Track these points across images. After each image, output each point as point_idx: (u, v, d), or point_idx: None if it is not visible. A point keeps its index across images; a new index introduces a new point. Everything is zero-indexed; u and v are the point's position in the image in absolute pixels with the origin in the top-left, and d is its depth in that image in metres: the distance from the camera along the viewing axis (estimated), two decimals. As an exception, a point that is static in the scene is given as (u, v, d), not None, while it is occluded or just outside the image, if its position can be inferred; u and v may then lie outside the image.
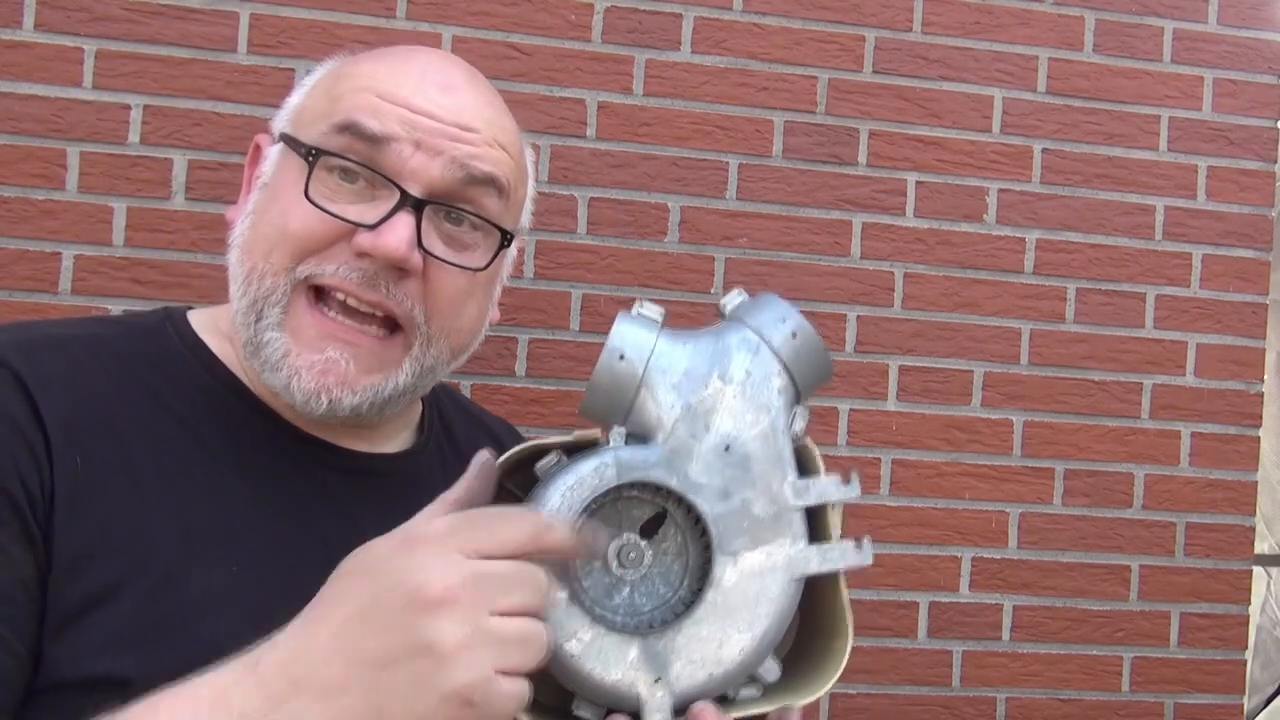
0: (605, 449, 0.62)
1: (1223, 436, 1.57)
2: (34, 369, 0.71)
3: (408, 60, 0.79)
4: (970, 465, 1.51)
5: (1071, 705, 1.52)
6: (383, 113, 0.75)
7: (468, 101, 0.78)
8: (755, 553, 0.62)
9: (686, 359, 0.63)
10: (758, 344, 0.63)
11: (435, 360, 0.80)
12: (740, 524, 0.62)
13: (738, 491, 0.62)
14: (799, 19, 1.49)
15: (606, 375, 0.61)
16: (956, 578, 1.50)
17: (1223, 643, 1.56)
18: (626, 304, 1.44)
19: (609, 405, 0.62)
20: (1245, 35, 1.59)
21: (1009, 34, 1.54)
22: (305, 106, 0.80)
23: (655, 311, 0.65)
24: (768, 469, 0.62)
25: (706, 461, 0.62)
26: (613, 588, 0.63)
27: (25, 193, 1.32)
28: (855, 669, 1.48)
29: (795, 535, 0.63)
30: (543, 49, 1.43)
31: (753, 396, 0.63)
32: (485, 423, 1.02)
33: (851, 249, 1.50)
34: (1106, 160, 1.56)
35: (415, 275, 0.76)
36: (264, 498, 0.76)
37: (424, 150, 0.75)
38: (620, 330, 0.62)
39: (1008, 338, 1.53)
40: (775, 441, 0.63)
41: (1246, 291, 1.58)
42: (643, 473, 0.61)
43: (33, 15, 1.33)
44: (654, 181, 1.45)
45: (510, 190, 0.80)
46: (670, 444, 0.62)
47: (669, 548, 0.64)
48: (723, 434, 0.62)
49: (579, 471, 0.61)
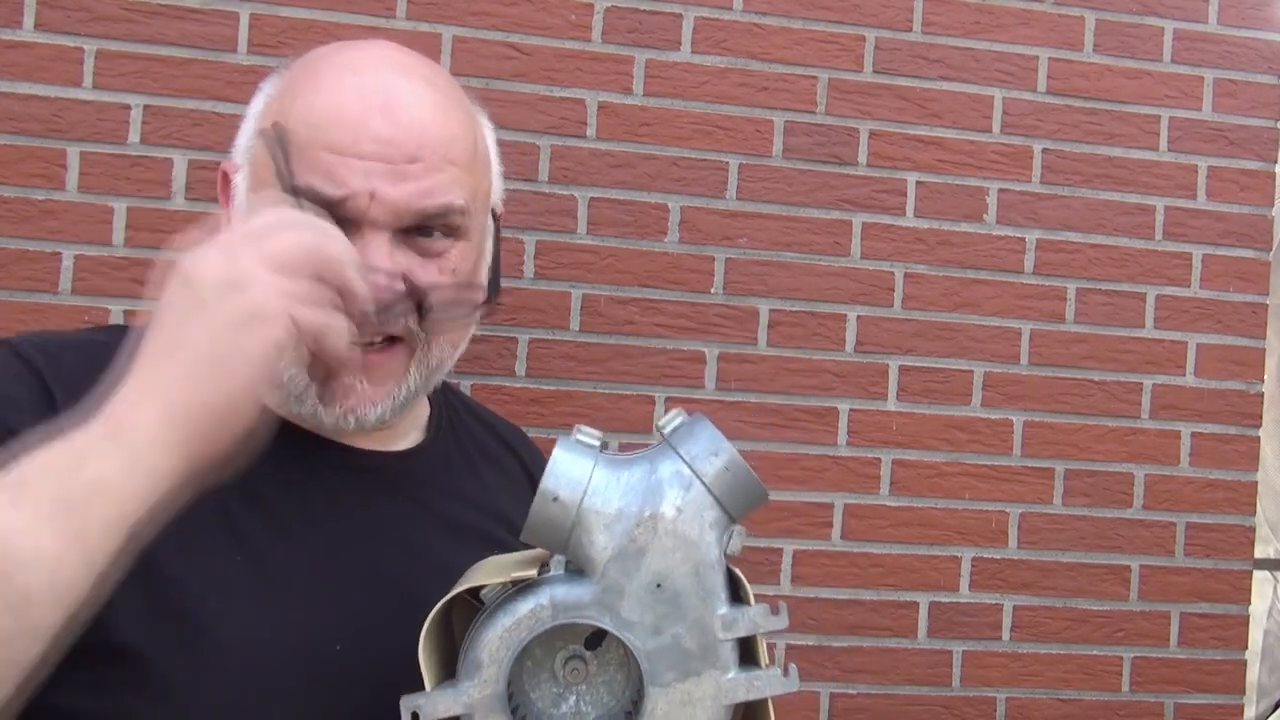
0: (543, 584, 0.65)
1: (1223, 436, 1.57)
2: (56, 368, 0.76)
3: (342, 87, 0.80)
4: (970, 465, 1.51)
5: (1071, 705, 1.52)
6: (337, 174, 0.77)
7: (409, 122, 0.79)
8: (685, 683, 0.65)
9: (619, 498, 0.65)
10: (690, 478, 0.65)
11: (439, 358, 0.84)
12: (671, 657, 0.65)
13: (669, 627, 0.64)
14: (799, 19, 1.49)
15: (542, 516, 0.64)
16: (956, 578, 1.51)
17: (1223, 643, 1.56)
18: (627, 304, 1.45)
19: (547, 540, 0.65)
20: (1245, 35, 1.59)
21: (1009, 34, 1.54)
22: (258, 150, 0.82)
23: (593, 438, 0.67)
24: (698, 604, 0.65)
25: (638, 599, 0.64)
26: (559, 697, 0.66)
27: (25, 193, 1.32)
28: (855, 669, 1.48)
29: (725, 665, 0.65)
30: (543, 49, 1.43)
31: (683, 534, 0.65)
32: (494, 426, 1.05)
33: (851, 249, 1.50)
34: (1106, 160, 1.56)
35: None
36: (272, 494, 0.80)
37: (378, 201, 0.78)
38: (555, 468, 0.65)
39: (1008, 338, 1.53)
40: (706, 576, 0.65)
41: (1246, 291, 1.58)
42: (576, 613, 0.64)
43: (33, 15, 1.33)
44: (654, 181, 1.45)
45: (469, 194, 0.83)
46: (604, 583, 0.64)
47: (612, 659, 0.67)
48: (654, 572, 0.64)
49: (515, 613, 0.64)
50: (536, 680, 0.66)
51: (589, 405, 1.42)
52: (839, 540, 1.48)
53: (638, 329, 1.45)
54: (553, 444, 0.67)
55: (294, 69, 0.85)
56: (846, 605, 1.48)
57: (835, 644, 1.47)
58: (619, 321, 1.45)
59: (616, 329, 1.45)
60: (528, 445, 1.06)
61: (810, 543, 1.47)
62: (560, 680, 0.67)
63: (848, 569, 1.48)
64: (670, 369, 1.45)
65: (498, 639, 0.63)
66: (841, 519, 1.48)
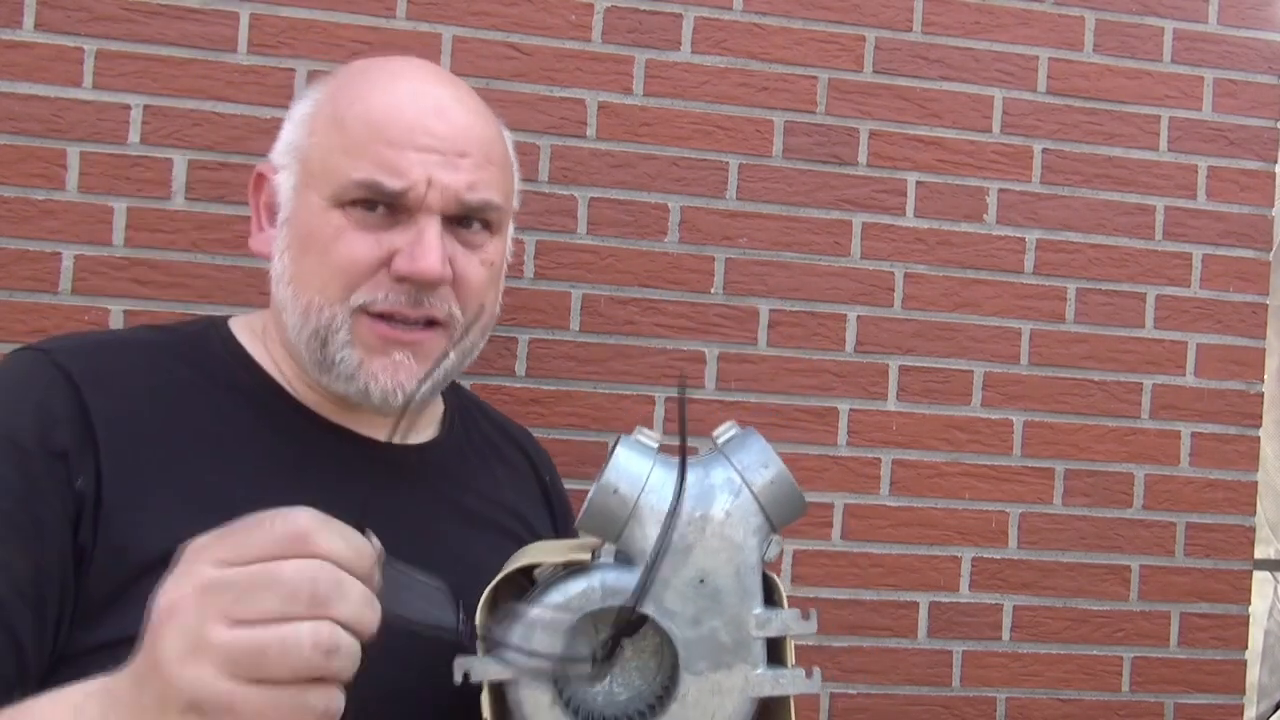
0: (595, 569, 0.70)
1: (1223, 436, 1.57)
2: (89, 371, 0.81)
3: (396, 90, 0.88)
4: (970, 465, 1.51)
5: (1071, 705, 1.52)
6: (399, 167, 0.85)
7: (458, 122, 0.88)
8: (717, 674, 0.70)
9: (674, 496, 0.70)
10: (740, 486, 0.71)
11: (472, 343, 0.92)
12: (706, 648, 0.69)
13: (707, 620, 0.69)
14: (799, 19, 1.49)
15: (600, 505, 0.69)
16: (956, 578, 1.51)
17: (1223, 643, 1.56)
18: (627, 304, 1.45)
19: (602, 529, 0.70)
20: (1245, 35, 1.59)
21: (1009, 34, 1.54)
22: (312, 150, 0.89)
23: (652, 439, 0.72)
24: (736, 602, 0.70)
25: (681, 592, 0.69)
26: (595, 677, 0.72)
27: (25, 193, 1.32)
28: (855, 669, 1.48)
29: (755, 660, 0.70)
30: (543, 49, 1.43)
31: (729, 535, 0.70)
32: (505, 426, 1.11)
33: (851, 249, 1.50)
34: (1106, 160, 1.56)
35: (447, 282, 0.87)
36: (296, 479, 0.85)
37: (435, 187, 0.85)
38: (618, 461, 0.70)
39: (1008, 338, 1.53)
40: (745, 577, 0.70)
41: (1246, 291, 1.58)
42: (623, 598, 0.68)
43: (33, 15, 1.33)
44: (654, 181, 1.45)
45: (504, 195, 0.92)
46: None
47: (646, 645, 0.72)
48: (699, 568, 0.69)
49: (567, 592, 0.69)
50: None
51: (589, 405, 1.42)
52: (839, 540, 1.48)
53: (638, 329, 1.45)
54: (554, 444, 0.68)
55: (339, 77, 0.92)
56: (846, 605, 1.48)
57: (835, 644, 1.47)
58: (619, 321, 1.45)
59: (616, 329, 1.45)
60: (535, 446, 1.12)
61: (810, 543, 1.47)
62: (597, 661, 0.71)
63: (848, 569, 1.48)
64: (670, 369, 1.45)
65: (549, 614, 0.68)
66: (841, 519, 1.48)
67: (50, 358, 0.82)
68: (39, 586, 0.73)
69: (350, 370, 0.86)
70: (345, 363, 0.86)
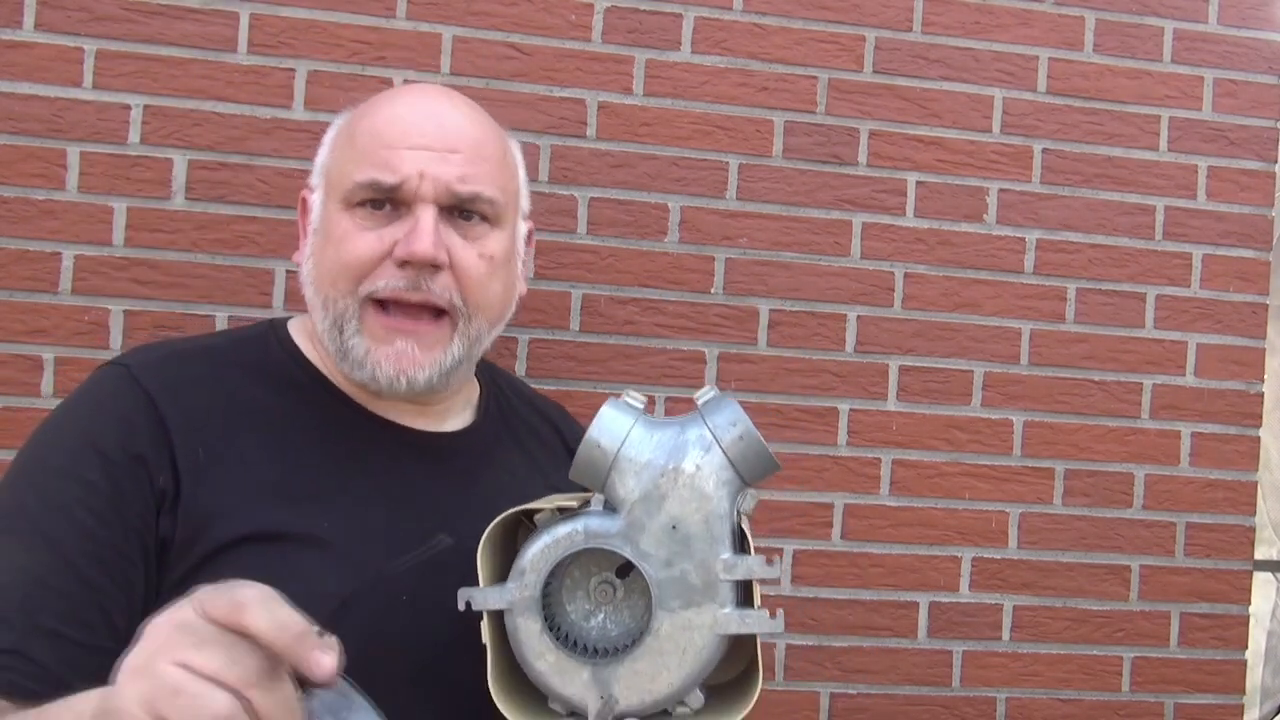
0: (581, 515, 0.78)
1: (1223, 436, 1.57)
2: (161, 381, 0.92)
3: (395, 103, 1.00)
4: (970, 465, 1.51)
5: (1071, 705, 1.52)
6: (393, 163, 0.94)
7: (450, 125, 0.98)
8: (688, 611, 0.77)
9: (650, 450, 0.78)
10: (710, 443, 0.78)
11: (478, 331, 0.99)
12: (678, 588, 0.77)
13: (679, 562, 0.77)
14: (799, 19, 1.49)
15: (585, 457, 0.77)
16: (956, 578, 1.51)
17: (1223, 643, 1.56)
18: (627, 304, 1.45)
19: (588, 479, 0.78)
20: (1245, 35, 1.59)
21: (1009, 34, 1.54)
22: (331, 164, 1.01)
23: (638, 400, 0.80)
24: (705, 547, 0.77)
25: (656, 536, 0.77)
26: (590, 613, 0.81)
27: (25, 193, 1.32)
28: (855, 669, 1.48)
29: (723, 601, 0.77)
30: (543, 49, 1.43)
31: (699, 487, 0.78)
32: (537, 404, 1.18)
33: (851, 249, 1.50)
34: (1106, 160, 1.56)
35: (445, 268, 0.95)
36: (346, 467, 0.95)
37: (427, 178, 0.95)
38: (602, 419, 0.78)
39: (1008, 338, 1.53)
40: (714, 525, 0.77)
41: (1246, 291, 1.58)
42: (604, 541, 0.77)
43: (33, 15, 1.33)
44: (654, 181, 1.45)
45: (499, 189, 0.99)
46: (629, 519, 0.77)
47: (636, 587, 0.80)
48: (671, 516, 0.77)
49: (555, 534, 0.78)
50: (573, 596, 0.80)
51: (589, 405, 1.42)
52: (839, 540, 1.48)
53: (638, 329, 1.45)
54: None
55: (360, 106, 1.03)
56: (846, 605, 1.48)
57: (835, 644, 1.47)
58: (619, 321, 1.45)
59: (616, 329, 1.45)
60: (568, 420, 1.20)
61: (810, 543, 1.47)
62: (591, 599, 0.81)
63: (848, 569, 1.48)
64: (670, 369, 1.45)
65: (539, 553, 0.77)
66: (841, 519, 1.48)
67: (130, 372, 0.93)
68: (128, 574, 0.85)
69: (360, 357, 0.95)
70: (356, 350, 0.95)
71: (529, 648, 0.77)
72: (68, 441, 0.90)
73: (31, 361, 1.31)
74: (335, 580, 0.86)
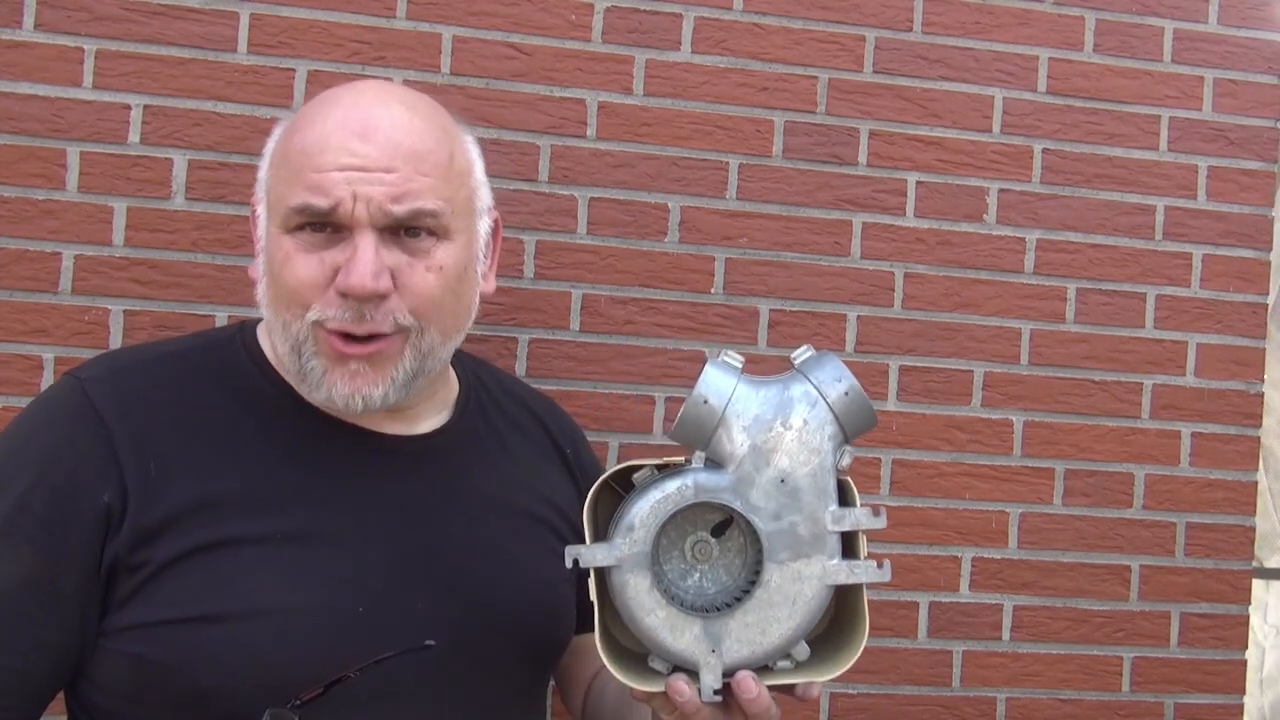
0: (688, 470, 0.80)
1: (1223, 436, 1.57)
2: (115, 397, 0.92)
3: (325, 119, 0.93)
4: (970, 465, 1.51)
5: (1071, 705, 1.52)
6: (324, 187, 0.90)
7: (383, 139, 0.92)
8: (797, 563, 0.79)
9: (757, 405, 0.79)
10: (816, 398, 0.80)
11: (430, 344, 0.95)
12: (787, 540, 0.79)
13: (787, 515, 0.79)
14: (799, 19, 1.49)
15: (692, 414, 0.79)
16: (956, 578, 1.51)
17: (1223, 643, 1.56)
18: (627, 304, 1.45)
19: (693, 437, 0.79)
20: (1245, 35, 1.59)
21: (1009, 34, 1.54)
22: (270, 183, 0.97)
23: (737, 360, 0.82)
24: (813, 500, 0.79)
25: (765, 490, 0.79)
26: (686, 572, 0.82)
27: (25, 193, 1.32)
28: (855, 669, 1.46)
29: (831, 552, 0.80)
30: (543, 49, 1.43)
31: (807, 441, 0.79)
32: (524, 399, 1.16)
33: (851, 249, 1.50)
34: (1106, 160, 1.56)
35: (390, 294, 0.91)
36: (311, 475, 0.95)
37: (360, 200, 0.90)
38: (707, 377, 0.79)
39: (1008, 338, 1.53)
40: (822, 478, 0.80)
41: (1246, 291, 1.58)
42: (714, 495, 0.79)
43: (33, 15, 1.33)
44: (654, 181, 1.45)
45: (443, 199, 0.94)
46: (738, 473, 0.79)
47: (732, 545, 0.82)
48: (780, 469, 0.79)
49: (665, 489, 0.79)
50: (669, 556, 0.82)
51: (589, 405, 1.42)
52: (839, 540, 1.48)
53: (638, 329, 1.45)
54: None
55: (294, 118, 0.98)
56: (846, 605, 1.48)
57: (835, 644, 1.47)
58: (619, 321, 1.45)
59: (616, 329, 1.45)
60: (556, 414, 1.18)
61: (810, 543, 1.47)
62: (687, 559, 0.82)
63: (848, 569, 1.48)
64: (670, 369, 1.45)
65: (649, 508, 0.79)
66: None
67: (82, 388, 0.93)
68: (64, 605, 0.87)
69: (317, 379, 0.94)
70: (314, 372, 0.94)
71: (638, 603, 0.78)
72: (13, 464, 0.91)
73: (31, 361, 1.31)
74: (290, 586, 0.89)
